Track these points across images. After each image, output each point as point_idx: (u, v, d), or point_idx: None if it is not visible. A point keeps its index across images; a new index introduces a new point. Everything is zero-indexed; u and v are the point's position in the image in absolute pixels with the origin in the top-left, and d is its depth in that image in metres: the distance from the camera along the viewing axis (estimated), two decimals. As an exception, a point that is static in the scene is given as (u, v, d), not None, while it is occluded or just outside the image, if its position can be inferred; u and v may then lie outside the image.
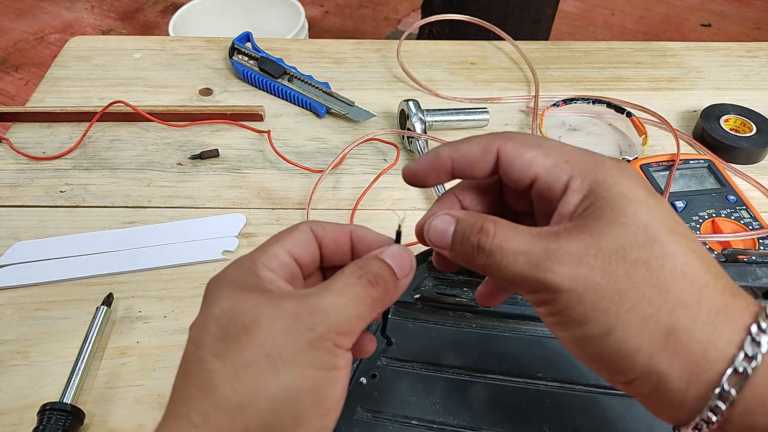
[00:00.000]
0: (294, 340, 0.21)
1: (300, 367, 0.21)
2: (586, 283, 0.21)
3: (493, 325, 0.36)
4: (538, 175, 0.24)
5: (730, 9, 1.99)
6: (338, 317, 0.22)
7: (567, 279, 0.21)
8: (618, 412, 0.32)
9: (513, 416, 0.32)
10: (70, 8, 1.97)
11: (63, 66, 0.65)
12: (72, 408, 0.35)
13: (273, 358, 0.21)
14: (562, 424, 0.31)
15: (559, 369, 0.34)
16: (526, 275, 0.22)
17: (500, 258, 0.22)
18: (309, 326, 0.21)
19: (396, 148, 0.54)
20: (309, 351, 0.21)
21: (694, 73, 0.65)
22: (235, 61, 0.63)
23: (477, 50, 0.68)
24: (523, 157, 0.24)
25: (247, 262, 0.24)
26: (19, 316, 0.41)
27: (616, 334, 0.21)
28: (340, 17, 1.96)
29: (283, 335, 0.21)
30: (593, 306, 0.21)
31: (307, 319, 0.21)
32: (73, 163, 0.54)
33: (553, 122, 0.59)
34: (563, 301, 0.21)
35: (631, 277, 0.21)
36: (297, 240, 0.25)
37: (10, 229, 0.47)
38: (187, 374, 0.21)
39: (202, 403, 0.20)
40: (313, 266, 0.26)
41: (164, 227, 0.47)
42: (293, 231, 0.25)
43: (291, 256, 0.25)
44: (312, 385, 0.21)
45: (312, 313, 0.21)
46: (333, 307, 0.22)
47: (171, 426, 0.20)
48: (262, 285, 0.23)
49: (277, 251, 0.24)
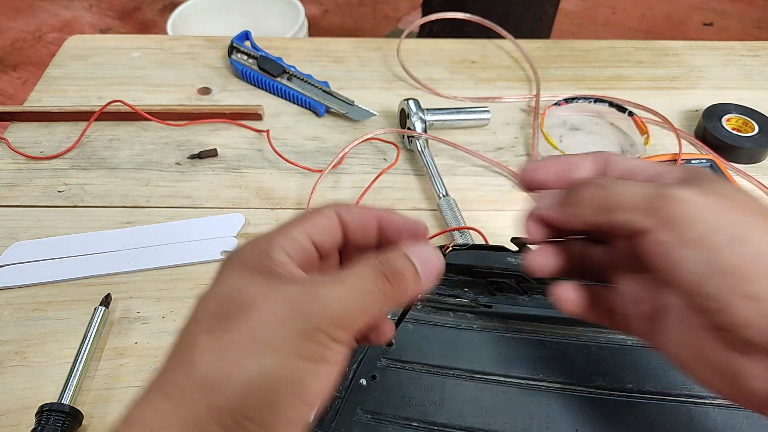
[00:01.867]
0: (285, 328, 0.20)
1: (283, 355, 0.20)
2: None
3: (494, 326, 0.35)
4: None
5: (732, 8, 1.99)
6: (339, 309, 0.21)
7: None
8: (620, 414, 0.32)
9: (514, 417, 0.32)
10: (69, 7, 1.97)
11: (61, 65, 0.64)
12: (70, 409, 0.35)
13: (260, 342, 0.20)
14: (564, 425, 0.31)
15: (560, 370, 0.33)
16: None
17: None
18: (304, 315, 0.21)
19: (396, 147, 0.54)
20: (298, 340, 0.20)
21: (695, 72, 0.65)
22: (234, 60, 0.62)
23: (478, 49, 0.68)
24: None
25: (264, 243, 0.23)
26: (16, 317, 0.41)
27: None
28: (339, 16, 1.95)
29: (277, 321, 0.20)
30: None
31: (305, 307, 0.21)
32: (71, 162, 0.53)
33: (555, 121, 0.59)
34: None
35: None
36: (320, 224, 0.24)
37: (7, 229, 0.47)
38: (177, 346, 0.21)
39: (180, 376, 0.20)
40: (333, 250, 0.26)
41: (162, 227, 0.47)
42: (317, 214, 0.25)
43: (311, 240, 0.24)
44: (291, 375, 0.20)
45: (312, 301, 0.21)
46: (336, 299, 0.21)
47: (146, 396, 0.20)
48: (273, 268, 0.22)
49: (297, 234, 0.24)
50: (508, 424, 0.31)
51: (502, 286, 0.36)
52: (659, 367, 0.33)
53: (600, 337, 0.34)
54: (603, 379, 0.33)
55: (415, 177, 0.53)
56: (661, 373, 0.33)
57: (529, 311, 0.36)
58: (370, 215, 0.25)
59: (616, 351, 0.34)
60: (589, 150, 0.56)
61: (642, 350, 0.34)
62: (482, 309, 0.36)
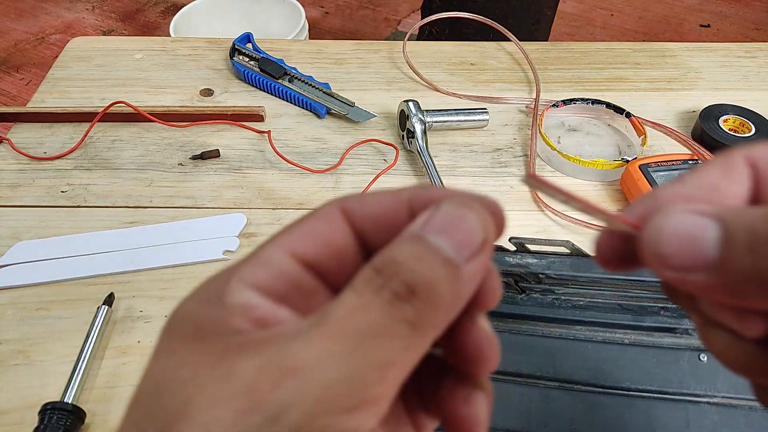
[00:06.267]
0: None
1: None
2: None
3: (493, 324, 0.36)
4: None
5: (729, 10, 2.00)
6: (329, 386, 0.12)
7: None
8: (617, 412, 0.32)
9: (512, 415, 0.32)
10: (71, 9, 1.97)
11: (64, 66, 0.65)
12: (73, 407, 0.35)
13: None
14: (562, 423, 0.32)
15: (558, 368, 0.34)
16: None
17: None
18: (271, 416, 0.12)
19: (395, 149, 0.54)
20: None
21: (693, 73, 0.65)
22: (236, 61, 0.63)
23: (477, 51, 0.68)
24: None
25: (218, 281, 0.16)
26: (20, 316, 0.42)
27: None
28: (340, 18, 1.96)
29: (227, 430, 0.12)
30: None
31: (269, 397, 0.12)
32: (74, 163, 0.54)
33: (553, 123, 0.59)
34: None
35: None
36: (310, 232, 0.16)
37: (11, 229, 0.47)
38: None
39: None
40: (342, 260, 0.16)
41: (165, 227, 0.48)
42: (311, 218, 0.16)
43: (296, 257, 0.16)
44: None
45: (279, 382, 0.12)
46: (320, 366, 0.13)
47: None
48: (223, 324, 0.14)
49: (272, 255, 0.16)
50: (507, 422, 0.32)
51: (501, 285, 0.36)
52: (657, 366, 0.33)
53: (598, 336, 0.35)
54: (601, 378, 0.33)
55: (415, 178, 0.53)
56: (659, 371, 0.33)
57: (527, 310, 0.36)
58: (394, 200, 0.16)
59: (614, 349, 0.34)
60: (587, 149, 0.57)
61: (640, 349, 0.34)
62: (481, 308, 0.36)
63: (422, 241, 0.14)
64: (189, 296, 0.16)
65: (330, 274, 0.16)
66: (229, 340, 0.14)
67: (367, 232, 0.16)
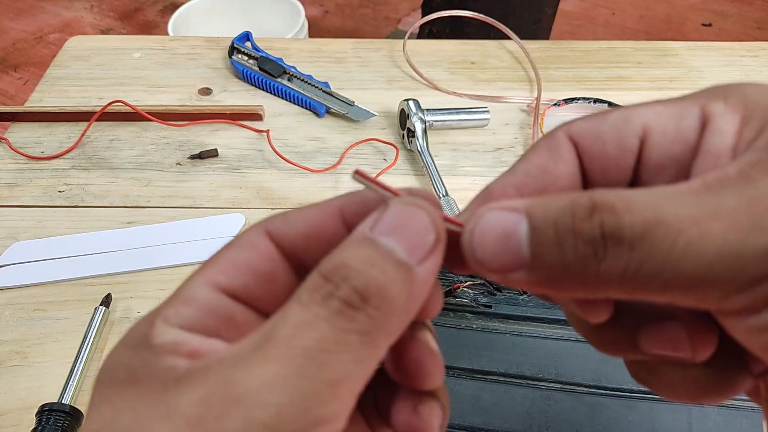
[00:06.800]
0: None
1: None
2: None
3: (494, 326, 0.36)
4: (648, 127, 0.16)
5: (731, 8, 1.99)
6: (279, 411, 0.12)
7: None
8: (619, 414, 0.32)
9: (514, 417, 0.32)
10: (70, 8, 1.97)
11: (62, 66, 0.64)
12: (70, 409, 0.35)
13: None
14: (564, 425, 0.31)
15: (560, 370, 0.33)
16: (737, 257, 0.12)
17: (663, 243, 0.12)
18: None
19: (395, 148, 0.54)
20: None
21: (695, 72, 0.65)
22: (235, 60, 0.62)
23: (478, 49, 0.68)
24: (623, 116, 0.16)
25: (142, 325, 0.15)
26: (17, 317, 0.41)
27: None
28: (340, 17, 1.96)
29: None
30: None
31: (216, 429, 0.12)
32: (71, 162, 0.53)
33: (554, 122, 0.59)
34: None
35: None
36: (232, 261, 0.16)
37: (8, 229, 0.47)
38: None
39: None
40: (273, 287, 0.16)
41: (163, 227, 0.47)
42: (231, 246, 0.16)
43: (220, 290, 0.15)
44: None
45: (225, 413, 0.12)
46: (267, 391, 0.12)
47: None
48: (155, 364, 0.14)
49: (195, 290, 0.15)
50: (508, 424, 0.31)
51: (502, 286, 0.36)
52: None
53: (599, 337, 0.35)
54: (603, 379, 0.33)
55: (415, 177, 0.53)
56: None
57: (528, 311, 0.36)
58: (323, 214, 0.16)
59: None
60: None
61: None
62: (482, 309, 0.36)
63: (372, 243, 0.14)
64: (115, 346, 0.15)
65: (262, 301, 0.15)
66: (165, 377, 0.13)
67: (300, 252, 0.16)
